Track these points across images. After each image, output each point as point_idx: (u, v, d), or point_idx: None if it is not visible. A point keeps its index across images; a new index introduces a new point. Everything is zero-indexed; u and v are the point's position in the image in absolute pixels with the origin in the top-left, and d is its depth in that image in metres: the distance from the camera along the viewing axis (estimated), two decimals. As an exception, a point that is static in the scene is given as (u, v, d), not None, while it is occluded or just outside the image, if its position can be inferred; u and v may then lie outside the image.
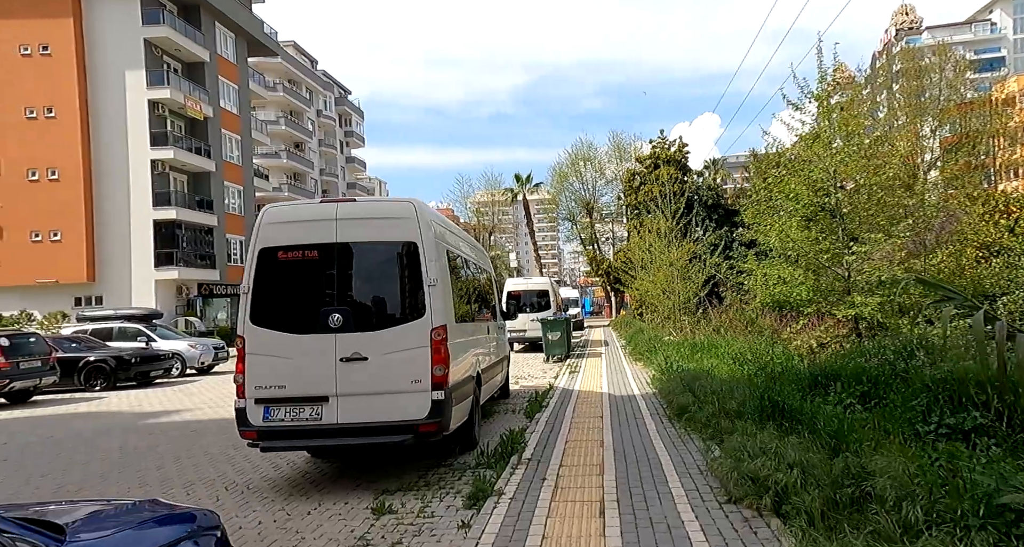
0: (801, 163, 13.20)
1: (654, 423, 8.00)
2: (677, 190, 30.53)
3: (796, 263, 12.85)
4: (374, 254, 6.07)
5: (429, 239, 6.05)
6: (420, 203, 6.21)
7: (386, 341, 5.83)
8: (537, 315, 20.78)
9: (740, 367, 11.57)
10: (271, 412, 5.74)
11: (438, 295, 5.98)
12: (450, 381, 6.05)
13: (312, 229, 5.98)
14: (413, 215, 6.03)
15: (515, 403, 10.81)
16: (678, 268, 24.14)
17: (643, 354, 16.52)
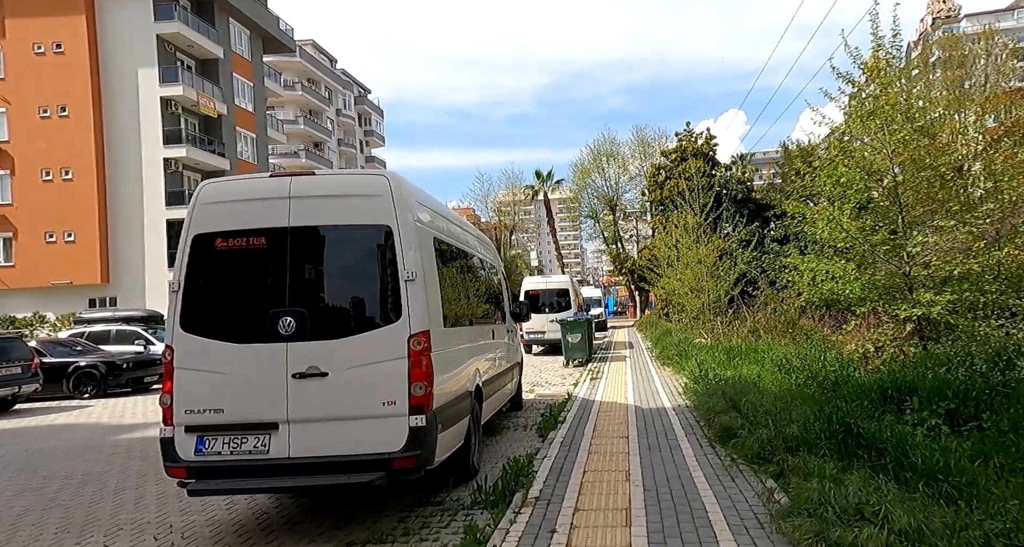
0: (852, 145, 11.67)
1: (691, 447, 6.62)
2: (705, 184, 28.95)
3: (849, 257, 11.31)
4: (337, 241, 4.82)
5: (408, 223, 4.77)
6: (397, 177, 4.94)
7: (351, 352, 4.58)
8: (556, 316, 19.42)
9: (786, 376, 10.11)
10: (206, 443, 4.51)
11: (418, 293, 4.71)
12: (435, 401, 4.77)
13: (259, 210, 4.74)
14: (387, 192, 4.76)
15: (528, 416, 9.50)
16: (707, 265, 22.62)
17: (672, 358, 15.07)
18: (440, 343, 5.07)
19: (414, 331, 4.64)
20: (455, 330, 5.72)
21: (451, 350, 5.47)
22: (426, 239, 5.16)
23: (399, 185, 4.86)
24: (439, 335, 5.07)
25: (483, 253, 8.00)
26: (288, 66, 55.72)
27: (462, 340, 5.98)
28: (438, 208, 5.98)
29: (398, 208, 4.74)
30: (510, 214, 64.66)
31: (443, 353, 5.14)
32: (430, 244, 5.27)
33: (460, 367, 5.80)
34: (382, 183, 4.79)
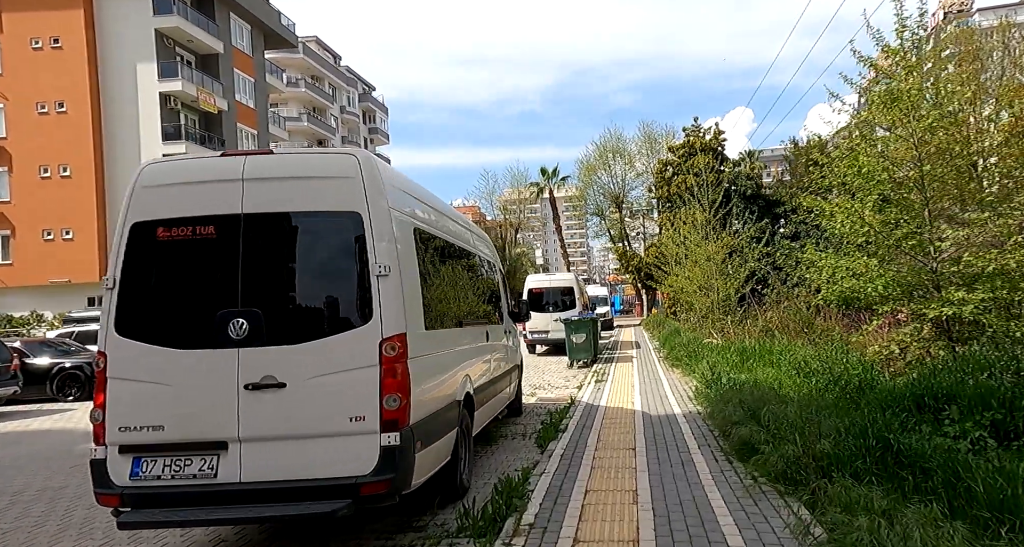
0: (873, 133, 10.94)
1: (707, 463, 5.94)
2: (713, 180, 28.21)
3: (872, 252, 10.58)
4: (298, 231, 4.18)
5: (381, 210, 4.13)
6: (370, 157, 4.28)
7: (313, 359, 3.94)
8: (560, 315, 18.75)
9: (805, 380, 9.42)
10: (143, 466, 3.88)
11: (393, 291, 4.06)
12: (413, 415, 4.13)
13: (208, 195, 4.10)
14: (356, 173, 4.11)
15: (528, 423, 8.85)
16: (716, 263, 21.89)
17: (681, 360, 14.38)
18: (420, 348, 4.42)
19: (387, 335, 3.99)
20: (440, 333, 5.07)
21: (434, 355, 4.82)
22: (405, 229, 4.51)
23: (371, 166, 4.20)
24: (419, 339, 4.42)
25: (477, 248, 7.34)
26: (291, 63, 55.33)
27: (449, 343, 5.33)
28: (421, 195, 5.32)
29: (369, 192, 4.09)
30: (516, 212, 64.07)
31: (424, 359, 4.50)
32: (410, 235, 4.62)
33: (446, 374, 5.15)
34: (350, 163, 4.14)
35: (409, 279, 4.38)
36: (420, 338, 4.45)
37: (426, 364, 4.55)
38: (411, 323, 4.25)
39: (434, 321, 4.95)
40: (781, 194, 34.94)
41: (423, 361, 4.47)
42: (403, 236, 4.45)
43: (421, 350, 4.45)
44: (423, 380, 4.44)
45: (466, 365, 5.86)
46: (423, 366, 4.46)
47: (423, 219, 5.08)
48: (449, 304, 5.53)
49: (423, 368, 4.45)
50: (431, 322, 4.82)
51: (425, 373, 4.50)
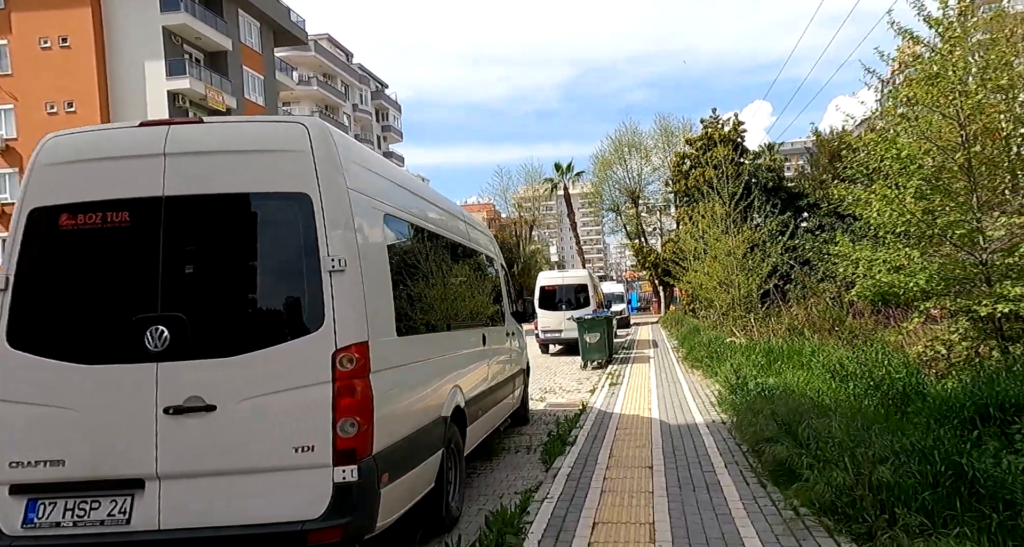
0: (914, 113, 9.98)
1: (736, 487, 5.11)
2: (733, 172, 27.19)
3: (913, 243, 9.64)
4: (233, 217, 3.42)
5: (336, 190, 3.36)
6: (323, 126, 3.50)
7: (250, 375, 3.20)
8: (573, 313, 17.92)
9: (841, 384, 8.52)
10: (39, 510, 3.15)
11: (350, 290, 3.29)
12: (378, 442, 3.37)
13: (122, 173, 3.35)
14: (306, 146, 3.34)
15: (534, 433, 8.06)
16: (737, 257, 20.93)
17: (701, 361, 13.49)
18: (389, 358, 3.65)
19: (343, 344, 3.23)
20: (419, 339, 4.29)
21: (411, 366, 4.05)
22: (370, 216, 3.74)
23: (325, 137, 3.43)
24: (388, 347, 3.65)
25: (473, 241, 6.55)
26: (303, 61, 55.06)
27: (432, 351, 4.55)
28: (397, 177, 4.53)
29: (322, 169, 3.32)
30: (530, 210, 63.29)
31: (395, 372, 3.73)
32: (378, 223, 3.85)
33: (427, 387, 4.38)
34: (298, 134, 3.37)
35: (374, 276, 3.61)
36: (389, 347, 3.69)
37: (398, 378, 3.78)
38: (376, 329, 3.48)
39: (411, 325, 4.18)
40: (804, 186, 33.83)
41: (393, 374, 3.70)
42: (368, 224, 3.68)
43: (391, 361, 3.68)
44: (394, 397, 3.68)
45: (456, 374, 5.09)
46: (394, 380, 3.69)
47: (399, 205, 4.30)
48: (433, 305, 4.75)
49: (393, 383, 3.68)
50: (407, 326, 4.05)
51: (396, 389, 3.73)
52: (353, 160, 3.71)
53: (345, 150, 3.59)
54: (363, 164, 3.87)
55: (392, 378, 3.67)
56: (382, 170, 4.21)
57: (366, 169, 3.89)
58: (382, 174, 4.17)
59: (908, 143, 9.44)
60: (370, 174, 3.93)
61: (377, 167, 4.12)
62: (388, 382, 3.59)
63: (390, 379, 3.64)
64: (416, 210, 4.69)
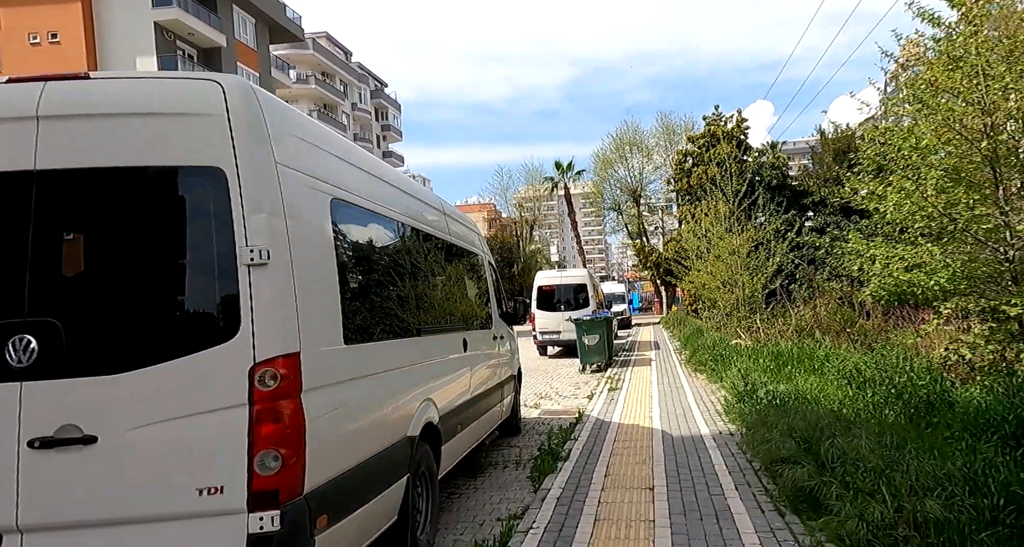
0: (934, 99, 9.32)
1: (750, 516, 4.45)
2: (736, 170, 26.54)
3: (934, 239, 8.97)
4: (123, 197, 2.75)
5: (260, 165, 2.71)
6: (246, 86, 2.82)
7: (140, 398, 2.55)
8: (572, 314, 17.26)
9: (859, 392, 7.85)
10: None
11: (275, 288, 2.65)
12: (313, 477, 2.73)
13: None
14: (221, 109, 2.69)
15: (525, 444, 7.42)
16: (741, 256, 20.27)
17: (705, 364, 12.83)
18: (332, 372, 3.01)
19: (264, 356, 2.58)
20: (376, 347, 3.63)
21: (364, 380, 3.39)
22: (310, 199, 3.08)
23: (247, 99, 2.76)
24: (331, 359, 3.00)
25: (453, 234, 5.89)
26: (301, 59, 54.57)
27: (395, 360, 3.90)
28: (351, 155, 3.82)
29: (241, 137, 2.67)
30: (531, 209, 62.70)
31: (341, 388, 3.09)
32: (322, 208, 3.19)
33: (387, 404, 3.73)
34: (211, 94, 2.71)
35: (314, 271, 2.96)
36: (332, 358, 3.04)
37: (344, 395, 3.12)
38: (313, 336, 2.83)
39: (366, 331, 3.52)
40: (808, 184, 33.23)
41: (338, 391, 3.05)
42: (308, 209, 3.02)
43: (334, 375, 3.03)
44: (338, 420, 3.03)
45: (428, 386, 4.44)
46: (338, 399, 3.04)
47: (355, 189, 3.64)
48: (398, 307, 4.10)
49: (337, 402, 3.03)
50: (360, 333, 3.40)
51: (342, 409, 3.08)
52: (289, 131, 3.05)
53: (277, 117, 2.93)
54: (304, 137, 3.21)
55: (336, 396, 3.02)
56: (332, 147, 3.54)
57: (308, 144, 3.23)
58: (332, 152, 3.51)
59: (927, 131, 8.79)
60: (314, 150, 3.27)
61: (325, 143, 3.46)
62: (329, 401, 2.94)
63: (333, 398, 2.98)
64: (378, 196, 4.03)
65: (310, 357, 2.78)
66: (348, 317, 3.24)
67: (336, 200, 3.36)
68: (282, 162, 2.84)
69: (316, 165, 3.23)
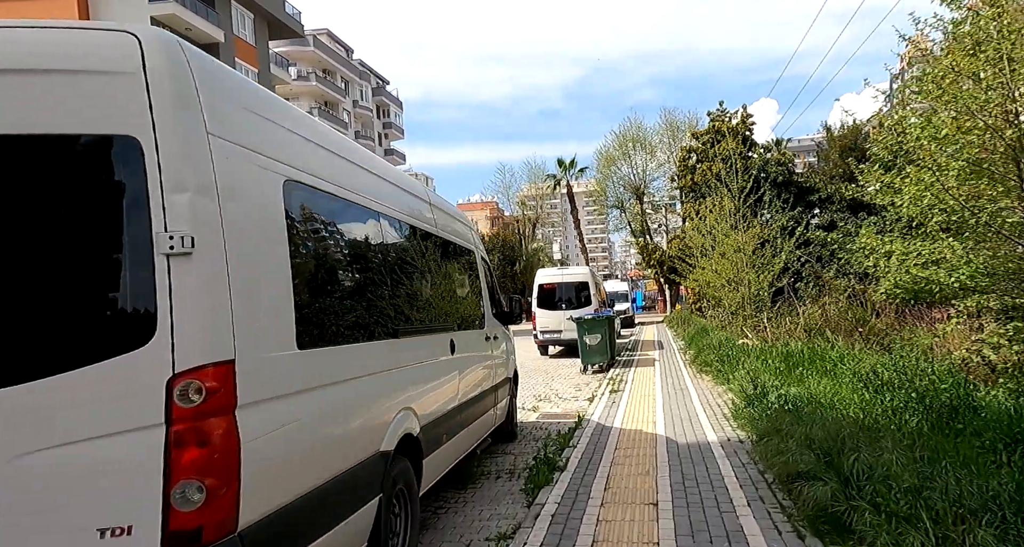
0: (956, 87, 8.83)
1: (764, 536, 4.00)
2: (741, 166, 26.05)
3: (957, 233, 8.50)
4: (13, 172, 2.25)
5: (184, 134, 2.26)
6: (171, 41, 2.36)
7: (28, 419, 2.10)
8: (574, 313, 16.80)
9: (877, 396, 7.37)
10: None
11: (201, 282, 2.20)
12: (249, 510, 2.28)
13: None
14: (136, 67, 2.23)
15: (521, 452, 6.98)
16: (747, 253, 19.77)
17: (711, 364, 12.36)
18: (280, 382, 2.57)
19: (187, 365, 2.13)
20: (340, 351, 3.18)
21: (322, 391, 2.94)
22: (255, 178, 2.63)
23: (171, 56, 2.29)
24: (278, 367, 2.56)
25: (440, 226, 5.43)
26: (302, 56, 54.28)
27: (365, 366, 3.45)
28: (312, 131, 3.32)
29: (161, 100, 2.21)
30: (534, 208, 62.30)
31: (291, 402, 2.64)
32: (272, 190, 2.74)
33: (354, 417, 3.28)
34: (125, 48, 2.24)
35: (256, 263, 2.51)
36: (281, 366, 2.59)
37: (297, 410, 2.68)
38: (253, 340, 2.38)
39: (327, 333, 3.07)
40: (815, 181, 32.77)
41: (288, 405, 2.60)
42: (250, 190, 2.57)
43: (283, 386, 2.58)
44: (288, 439, 2.58)
45: (407, 394, 4.00)
46: (288, 414, 2.59)
47: (316, 171, 3.18)
48: (370, 305, 3.64)
49: (288, 417, 2.59)
50: (317, 335, 2.94)
51: (294, 426, 2.63)
52: (231, 99, 2.59)
53: (212, 81, 2.47)
54: (252, 108, 2.76)
55: (285, 411, 2.57)
56: (289, 121, 3.08)
57: (257, 116, 2.77)
58: (289, 127, 3.05)
59: (947, 120, 8.31)
60: (264, 124, 2.82)
61: (280, 116, 2.99)
62: (275, 418, 2.49)
63: (280, 413, 2.54)
64: (347, 181, 3.57)
65: (249, 365, 2.33)
66: (304, 317, 2.79)
67: (292, 182, 2.91)
68: (217, 133, 2.39)
69: (266, 141, 2.78)
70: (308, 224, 3.05)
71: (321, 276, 3.12)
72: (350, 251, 3.55)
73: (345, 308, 3.31)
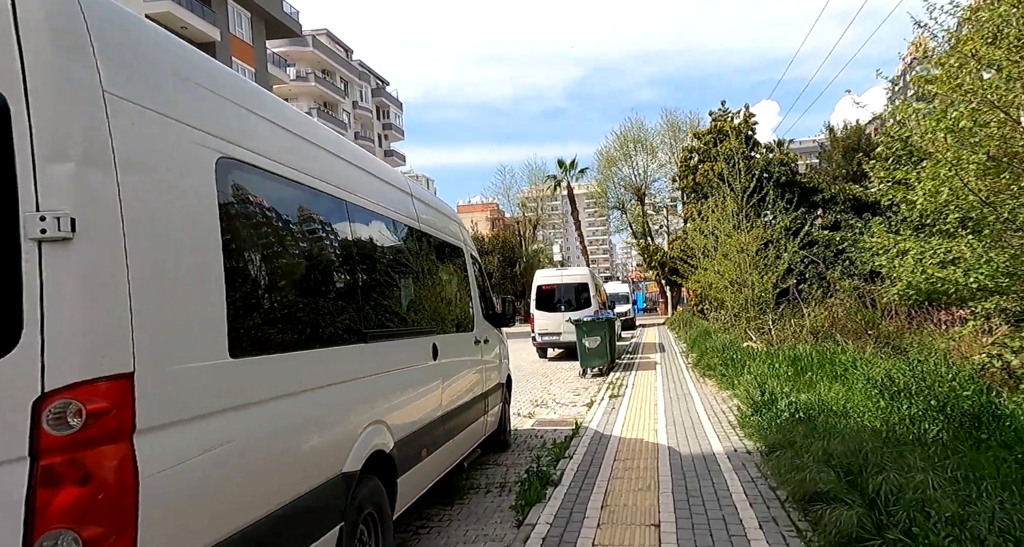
0: (974, 77, 8.39)
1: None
2: (743, 166, 25.61)
3: (975, 231, 8.06)
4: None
5: (72, 89, 1.83)
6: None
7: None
8: (573, 315, 16.35)
9: (893, 403, 6.91)
10: None
11: (85, 275, 1.77)
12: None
13: None
14: (4, 5, 1.79)
15: (513, 463, 6.54)
16: (750, 254, 19.32)
17: (715, 368, 11.90)
18: (207, 398, 2.13)
19: (61, 382, 1.69)
20: (289, 360, 2.72)
21: (265, 406, 2.50)
22: (172, 150, 2.18)
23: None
24: (203, 380, 2.12)
25: (422, 220, 4.98)
26: (301, 56, 54.01)
27: (322, 375, 3.00)
28: (248, 98, 2.81)
29: (35, 47, 1.78)
30: (535, 209, 61.95)
31: (223, 421, 2.21)
32: (199, 167, 2.30)
33: (307, 436, 2.84)
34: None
35: (171, 254, 2.07)
36: (205, 379, 2.15)
37: (227, 431, 2.23)
38: (162, 348, 1.95)
39: (270, 338, 2.62)
40: (819, 181, 32.37)
41: (213, 427, 2.16)
42: (167, 165, 2.13)
43: (206, 403, 2.14)
44: (212, 468, 2.14)
45: (378, 405, 3.55)
46: (213, 437, 2.15)
47: (255, 147, 2.72)
48: (329, 306, 3.19)
49: (212, 441, 2.14)
50: (257, 341, 2.50)
51: (222, 451, 2.19)
52: (140, 54, 2.15)
53: (113, 30, 2.02)
54: (176, 69, 2.31)
55: (209, 434, 2.13)
56: (224, 87, 2.61)
57: (180, 77, 2.32)
58: (223, 93, 2.58)
59: (965, 111, 7.87)
60: (189, 87, 2.37)
61: (212, 80, 2.54)
62: (195, 443, 2.05)
63: (203, 436, 2.09)
64: (305, 163, 3.13)
65: (157, 379, 1.89)
66: (240, 320, 2.35)
67: (229, 160, 2.46)
68: (121, 94, 1.95)
69: (195, 109, 2.34)
70: (249, 210, 2.60)
71: (265, 272, 2.67)
72: (306, 244, 3.10)
73: (296, 309, 2.86)
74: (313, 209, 3.17)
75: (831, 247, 25.63)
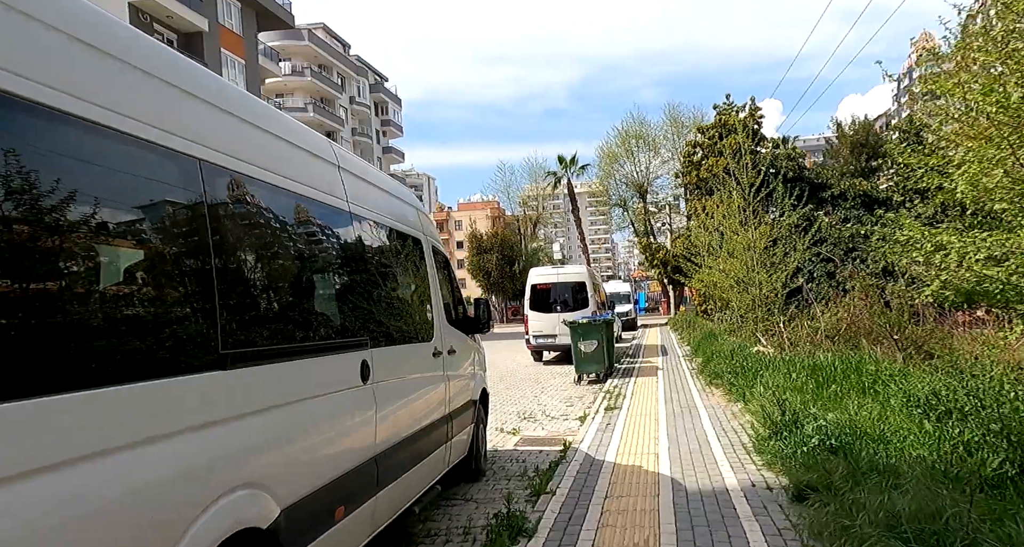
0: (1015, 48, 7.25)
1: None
2: (750, 161, 24.49)
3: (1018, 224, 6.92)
4: None
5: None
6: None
7: None
8: (569, 316, 15.23)
9: (939, 426, 5.77)
10: None
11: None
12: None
13: None
14: None
15: (486, 498, 5.43)
16: (758, 252, 18.19)
17: (723, 376, 10.76)
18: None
19: None
20: (62, 405, 1.59)
21: (22, 483, 1.37)
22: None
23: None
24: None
25: (352, 197, 3.83)
26: (296, 50, 53.00)
27: (126, 427, 1.87)
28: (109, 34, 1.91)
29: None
30: (535, 207, 60.92)
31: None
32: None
33: (98, 523, 1.70)
34: None
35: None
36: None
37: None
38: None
39: (20, 374, 1.49)
40: (827, 177, 31.25)
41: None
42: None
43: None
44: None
45: (247, 461, 2.44)
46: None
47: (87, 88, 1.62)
48: (144, 317, 2.06)
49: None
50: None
51: None
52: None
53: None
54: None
55: None
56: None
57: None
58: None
59: (1019, 84, 6.74)
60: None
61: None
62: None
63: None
64: (171, 114, 2.01)
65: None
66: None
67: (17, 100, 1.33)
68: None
69: None
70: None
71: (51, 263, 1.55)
72: (177, 229, 1.99)
73: (68, 323, 1.72)
74: (195, 181, 2.05)
75: (840, 245, 24.51)
